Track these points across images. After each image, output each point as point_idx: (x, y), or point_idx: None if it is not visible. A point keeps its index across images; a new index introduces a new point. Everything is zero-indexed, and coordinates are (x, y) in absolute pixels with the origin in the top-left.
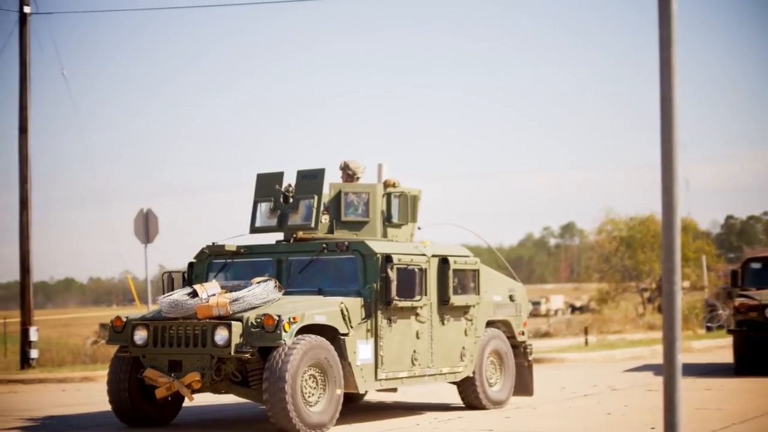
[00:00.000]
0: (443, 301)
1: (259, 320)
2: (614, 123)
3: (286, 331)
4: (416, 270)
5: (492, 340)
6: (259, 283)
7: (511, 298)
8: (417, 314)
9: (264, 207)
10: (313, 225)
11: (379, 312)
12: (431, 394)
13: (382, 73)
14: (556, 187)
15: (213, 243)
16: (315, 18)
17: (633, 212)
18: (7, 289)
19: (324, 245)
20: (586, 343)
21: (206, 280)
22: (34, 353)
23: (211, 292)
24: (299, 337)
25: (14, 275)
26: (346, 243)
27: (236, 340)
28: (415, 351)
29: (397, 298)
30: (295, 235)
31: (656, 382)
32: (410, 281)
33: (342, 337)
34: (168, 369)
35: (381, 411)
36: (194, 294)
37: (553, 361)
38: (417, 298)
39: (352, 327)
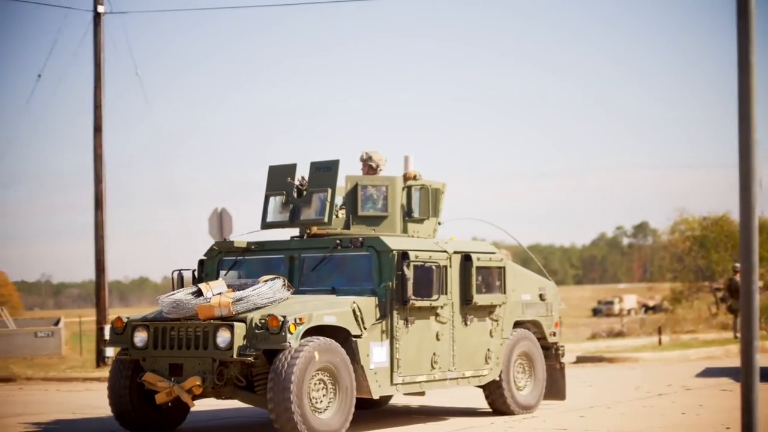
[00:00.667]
0: (466, 300)
1: (263, 321)
2: (688, 122)
3: (291, 333)
4: (434, 267)
5: (520, 341)
6: (266, 281)
7: (541, 297)
8: (437, 314)
9: (276, 201)
10: (326, 220)
11: (395, 312)
12: (465, 397)
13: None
14: (630, 186)
15: (224, 239)
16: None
17: (706, 212)
18: (83, 288)
19: (337, 241)
20: (660, 342)
21: (216, 278)
22: (109, 352)
23: (216, 290)
24: (307, 339)
25: (89, 274)
26: (361, 239)
27: (239, 342)
28: (434, 353)
29: (413, 297)
30: (308, 231)
31: (730, 382)
32: (428, 279)
33: (354, 339)
34: (168, 373)
35: (421, 416)
36: (199, 293)
37: (627, 360)
38: (435, 297)
39: (365, 328)
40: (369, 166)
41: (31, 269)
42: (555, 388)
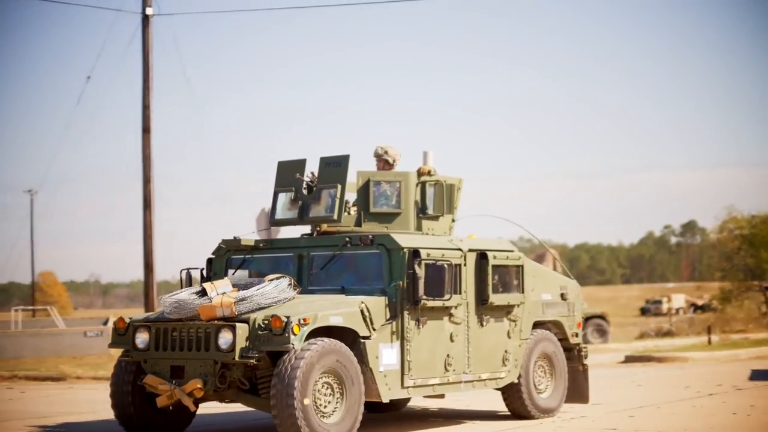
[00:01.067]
0: (482, 300)
1: (266, 322)
2: (737, 121)
3: (295, 334)
4: (446, 266)
5: (541, 342)
6: (271, 280)
7: (562, 296)
8: (451, 315)
9: (284, 198)
10: (335, 217)
11: (405, 312)
12: (488, 400)
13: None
14: (678, 185)
15: (234, 237)
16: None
17: (755, 210)
18: (131, 288)
19: (347, 239)
20: (710, 342)
21: (224, 277)
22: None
23: (221, 290)
24: (312, 340)
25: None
26: (371, 236)
27: (241, 343)
28: (448, 355)
29: (425, 297)
30: (318, 228)
31: None
32: (439, 279)
33: (362, 341)
34: (170, 375)
35: (439, 419)
36: (203, 293)
37: (677, 360)
38: (447, 297)
39: (374, 329)
40: (385, 161)
41: (79, 269)
42: (578, 391)
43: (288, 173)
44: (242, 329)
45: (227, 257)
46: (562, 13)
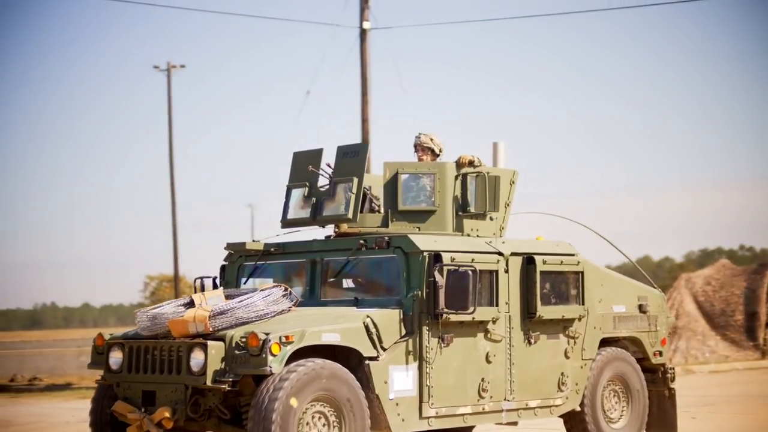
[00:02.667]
0: (528, 313)
1: (244, 340)
2: None
3: (274, 355)
4: (470, 273)
5: (612, 362)
6: (263, 290)
7: (641, 308)
8: (487, 331)
9: (298, 194)
10: (349, 215)
11: (425, 328)
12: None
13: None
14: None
15: (254, 240)
16: None
17: None
18: None
19: (362, 241)
20: None
21: (237, 286)
22: None
23: (211, 302)
24: (299, 362)
25: None
26: (387, 238)
27: (215, 365)
28: (483, 379)
29: (446, 309)
30: (336, 230)
31: None
32: (462, 287)
33: (367, 362)
34: (141, 401)
35: None
36: (191, 304)
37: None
38: (470, 309)
39: (383, 348)
40: (430, 151)
41: None
42: (663, 420)
43: (303, 166)
44: (216, 348)
45: (239, 264)
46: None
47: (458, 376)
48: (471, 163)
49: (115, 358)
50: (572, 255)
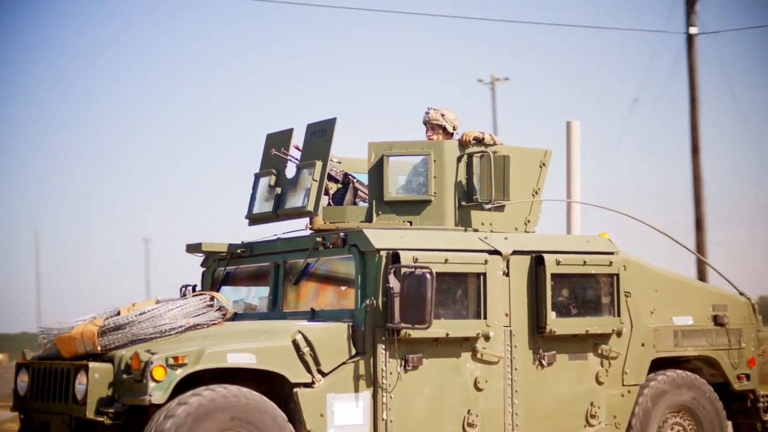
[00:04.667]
0: (539, 327)
1: (129, 362)
2: None
3: (156, 381)
4: (427, 276)
5: (673, 389)
6: (181, 299)
7: (717, 320)
8: (474, 350)
9: (264, 184)
10: (309, 207)
11: (380, 347)
12: None
13: None
14: None
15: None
16: None
17: None
18: None
19: (319, 240)
20: None
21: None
22: None
23: (135, 313)
24: (195, 390)
25: None
26: (343, 235)
27: (99, 392)
28: (470, 411)
29: (400, 322)
30: (310, 226)
31: None
32: (418, 295)
33: (296, 390)
34: None
35: None
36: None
37: None
38: (425, 325)
39: (322, 372)
40: (441, 130)
41: None
42: None
43: (272, 150)
44: (100, 372)
45: (213, 269)
46: None
47: (432, 407)
48: (479, 141)
49: (22, 382)
50: (605, 253)
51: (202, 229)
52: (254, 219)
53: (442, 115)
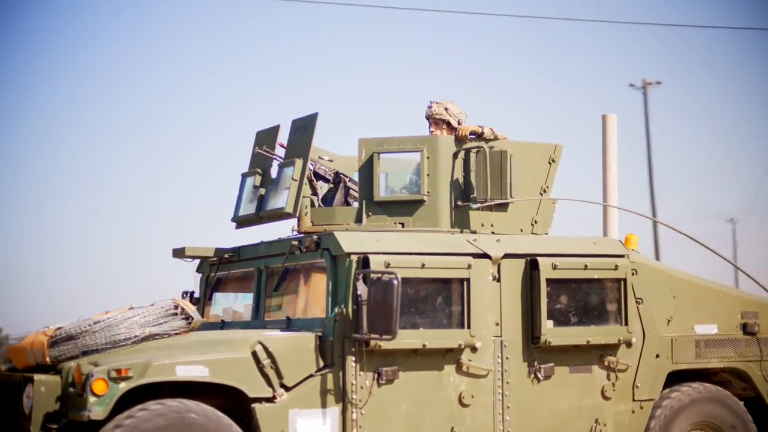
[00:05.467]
0: (533, 337)
1: (73, 375)
2: None
3: (96, 395)
4: (393, 282)
5: (695, 405)
6: (154, 304)
7: (746, 328)
8: (459, 363)
9: (249, 184)
10: (287, 209)
11: (350, 358)
12: None
13: None
14: None
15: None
16: None
17: None
18: None
19: (295, 243)
20: None
21: (209, 300)
22: None
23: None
24: (142, 405)
25: None
26: (316, 237)
27: (45, 406)
28: (453, 429)
29: (368, 333)
30: (297, 228)
31: None
32: (384, 303)
33: (255, 405)
34: None
35: None
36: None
37: None
38: (389, 335)
39: (285, 386)
40: (445, 125)
41: None
42: None
43: (261, 148)
44: (47, 385)
45: (207, 273)
46: None
47: (410, 424)
48: (478, 135)
49: None
50: (614, 256)
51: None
52: (240, 221)
53: (446, 109)
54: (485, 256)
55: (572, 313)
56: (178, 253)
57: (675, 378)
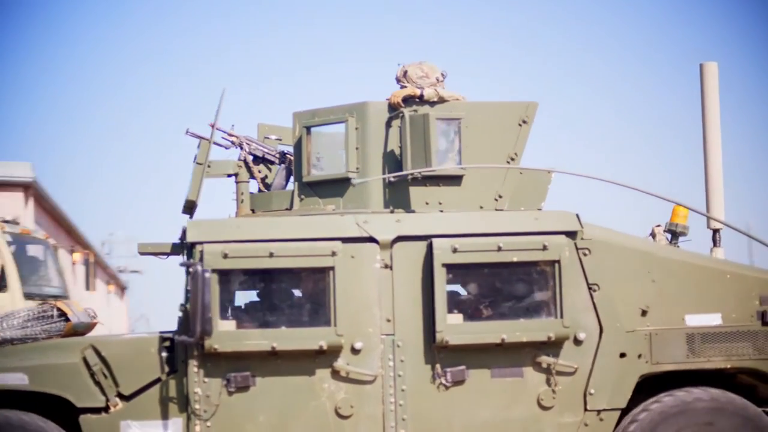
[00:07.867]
0: (431, 334)
1: None
2: None
3: None
4: (205, 276)
5: (690, 415)
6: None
7: (766, 317)
8: (333, 368)
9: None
10: (191, 197)
11: (192, 362)
12: None
13: None
14: None
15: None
16: None
17: None
18: None
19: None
20: None
21: None
22: None
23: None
24: None
25: None
26: (183, 228)
27: None
28: None
29: (182, 335)
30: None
31: None
32: (194, 299)
33: (83, 417)
34: None
35: None
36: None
37: None
38: (188, 336)
39: (121, 395)
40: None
41: None
42: None
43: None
44: None
45: None
46: None
47: None
48: (419, 98)
49: None
50: (552, 233)
51: None
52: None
53: (405, 73)
54: (371, 240)
55: (486, 306)
56: (144, 248)
57: (661, 383)
